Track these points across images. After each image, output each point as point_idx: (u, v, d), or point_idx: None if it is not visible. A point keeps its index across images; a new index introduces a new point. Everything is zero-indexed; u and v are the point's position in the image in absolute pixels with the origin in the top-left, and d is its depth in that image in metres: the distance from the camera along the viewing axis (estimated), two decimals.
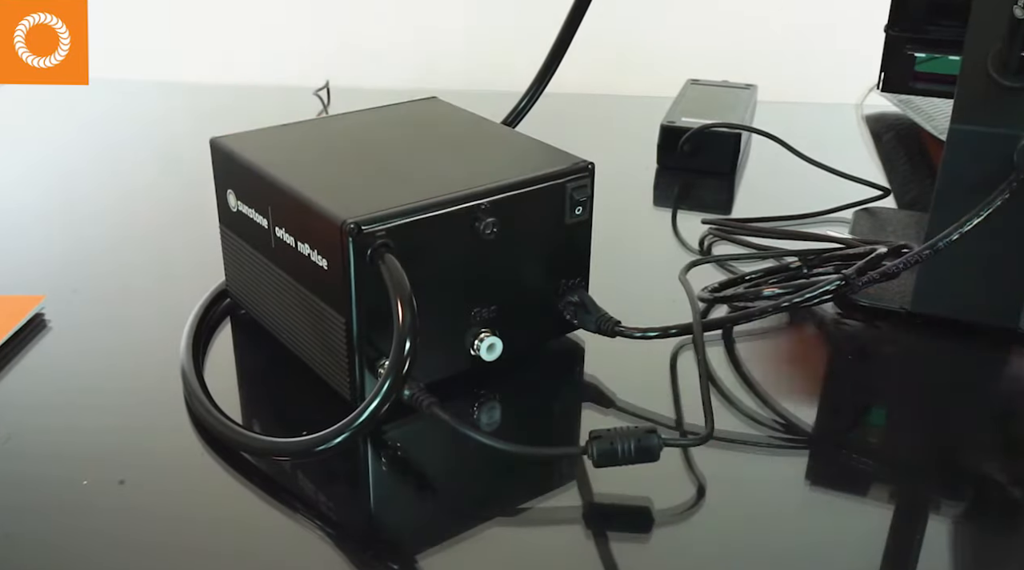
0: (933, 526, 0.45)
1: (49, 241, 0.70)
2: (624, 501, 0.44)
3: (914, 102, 0.92)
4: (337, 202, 0.46)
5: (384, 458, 0.48)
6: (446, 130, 0.58)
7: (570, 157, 0.52)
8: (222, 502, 0.45)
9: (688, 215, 0.75)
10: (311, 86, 1.02)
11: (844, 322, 0.59)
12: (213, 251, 0.58)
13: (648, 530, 0.43)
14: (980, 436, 0.50)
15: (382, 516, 0.45)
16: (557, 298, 0.53)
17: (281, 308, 0.52)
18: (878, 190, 0.74)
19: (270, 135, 0.55)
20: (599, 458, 0.43)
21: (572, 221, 0.52)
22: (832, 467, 0.49)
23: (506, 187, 0.49)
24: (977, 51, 0.53)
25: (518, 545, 0.43)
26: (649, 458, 0.43)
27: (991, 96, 0.52)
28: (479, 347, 0.50)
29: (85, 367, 0.55)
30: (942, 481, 0.47)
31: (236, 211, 0.54)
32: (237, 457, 0.47)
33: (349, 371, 0.47)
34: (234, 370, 0.55)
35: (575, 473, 0.46)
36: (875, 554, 0.42)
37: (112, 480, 0.45)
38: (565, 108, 0.67)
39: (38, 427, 0.50)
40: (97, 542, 0.42)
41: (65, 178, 0.83)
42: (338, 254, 0.45)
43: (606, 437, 0.43)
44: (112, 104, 1.01)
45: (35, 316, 0.57)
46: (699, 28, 1.13)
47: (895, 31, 0.60)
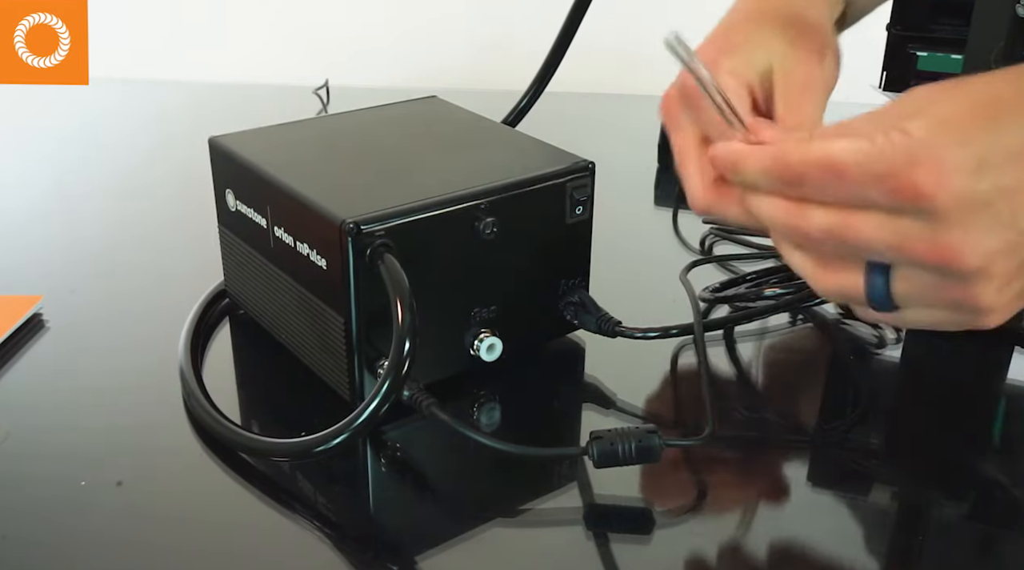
0: (934, 526, 0.45)
1: (47, 241, 0.70)
2: (624, 501, 0.44)
3: None
4: (336, 202, 0.46)
5: (384, 459, 0.48)
6: (446, 130, 0.57)
7: (570, 156, 0.52)
8: (221, 503, 0.45)
9: (689, 215, 0.75)
10: (311, 86, 1.02)
11: (845, 322, 0.59)
12: (212, 251, 0.57)
13: (648, 530, 0.43)
14: (980, 436, 0.50)
15: (382, 517, 0.45)
16: (557, 298, 0.53)
17: (280, 308, 0.52)
18: None
19: (269, 134, 0.55)
20: (600, 458, 0.43)
21: (572, 221, 0.52)
22: (833, 467, 0.48)
23: (506, 187, 0.49)
24: (979, 50, 0.53)
25: (518, 546, 0.43)
26: (650, 458, 0.43)
27: None
28: (479, 347, 0.50)
29: (83, 367, 0.55)
30: (943, 481, 0.47)
31: (235, 211, 0.54)
32: (236, 458, 0.46)
33: (348, 371, 0.47)
34: (233, 370, 0.55)
35: (575, 473, 0.45)
36: (876, 554, 0.42)
37: (110, 481, 0.45)
38: (565, 108, 0.67)
39: (36, 427, 0.49)
40: (95, 543, 0.42)
41: (64, 178, 0.82)
42: (337, 254, 0.45)
43: (607, 437, 0.43)
44: (111, 104, 1.01)
45: (33, 316, 0.57)
46: (699, 27, 1.13)
47: (897, 30, 0.60)
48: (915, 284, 0.38)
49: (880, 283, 0.39)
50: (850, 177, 0.37)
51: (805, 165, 0.38)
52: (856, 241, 0.38)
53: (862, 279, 0.39)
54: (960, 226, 0.36)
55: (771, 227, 0.41)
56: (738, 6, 0.56)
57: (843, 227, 0.38)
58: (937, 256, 0.36)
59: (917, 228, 0.36)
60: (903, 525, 0.44)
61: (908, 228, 0.36)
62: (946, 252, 0.36)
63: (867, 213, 0.37)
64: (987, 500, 0.46)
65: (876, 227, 0.37)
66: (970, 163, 0.35)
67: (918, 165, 0.35)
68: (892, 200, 0.36)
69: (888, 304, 0.39)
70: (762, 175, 0.40)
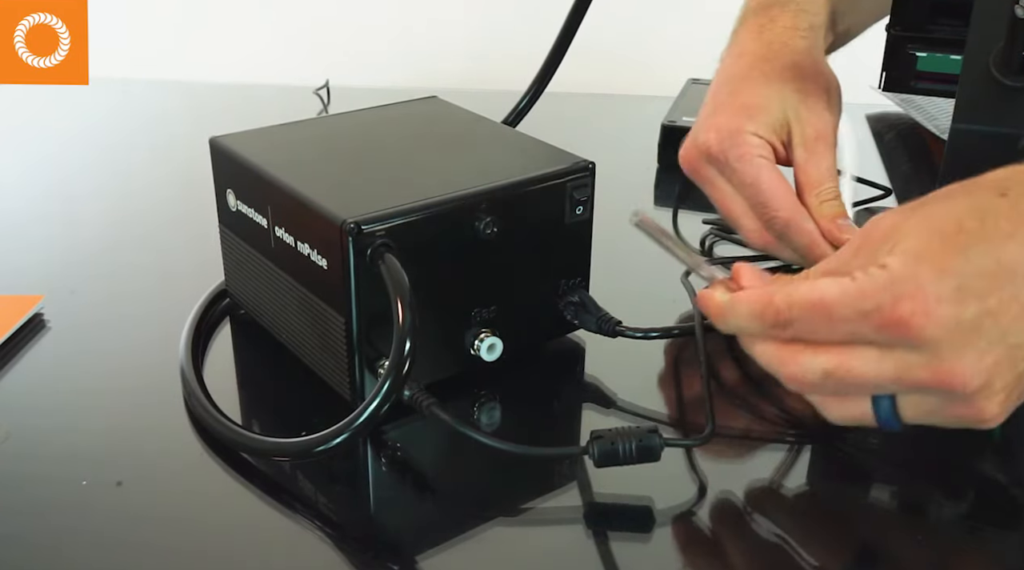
0: (934, 525, 0.45)
1: (48, 241, 0.70)
2: (624, 500, 0.44)
3: (916, 101, 0.92)
4: (337, 202, 0.46)
5: (384, 458, 0.48)
6: (446, 130, 0.57)
7: (571, 157, 0.52)
8: (221, 503, 0.45)
9: (689, 215, 0.75)
10: (311, 86, 1.02)
11: None
12: (212, 251, 0.57)
13: (648, 530, 0.43)
14: (981, 435, 0.50)
15: (382, 517, 0.45)
16: (557, 298, 0.53)
17: (281, 308, 0.52)
18: (879, 190, 0.74)
19: (270, 135, 0.55)
20: (600, 458, 0.43)
21: (573, 221, 0.52)
22: (834, 466, 0.48)
23: (506, 187, 0.49)
24: (979, 50, 0.52)
25: (519, 545, 0.43)
26: (650, 458, 0.43)
27: (993, 95, 0.52)
28: (479, 347, 0.50)
29: (84, 367, 0.55)
30: (943, 480, 0.47)
31: (236, 211, 0.54)
32: (236, 458, 0.46)
33: (349, 371, 0.47)
34: (233, 370, 0.55)
35: (576, 473, 0.46)
36: (877, 554, 0.42)
37: (110, 481, 0.45)
38: (565, 108, 0.67)
39: (36, 428, 0.49)
40: (95, 543, 0.42)
41: (64, 178, 0.82)
42: (338, 254, 0.45)
43: (607, 437, 0.43)
44: (111, 104, 1.01)
45: (34, 316, 0.57)
46: (700, 27, 1.13)
47: (896, 30, 0.60)
48: (922, 408, 0.40)
49: (887, 406, 0.40)
50: (837, 316, 0.38)
51: (791, 308, 0.40)
52: (855, 380, 0.39)
53: (869, 407, 0.41)
54: (954, 351, 0.37)
55: (771, 371, 0.42)
56: (740, 50, 0.61)
57: (841, 368, 0.39)
58: (939, 382, 0.38)
59: (914, 359, 0.38)
60: (903, 525, 0.44)
61: (905, 359, 0.38)
62: (947, 377, 0.38)
63: (862, 350, 0.39)
64: (987, 500, 0.46)
65: (874, 363, 0.39)
66: (951, 293, 0.37)
67: (902, 300, 0.37)
68: (883, 336, 0.38)
69: (897, 425, 0.41)
70: (750, 321, 0.41)
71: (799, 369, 0.40)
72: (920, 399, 0.40)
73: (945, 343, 0.37)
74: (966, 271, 0.37)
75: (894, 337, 0.38)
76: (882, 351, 0.38)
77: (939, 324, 0.37)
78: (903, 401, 0.40)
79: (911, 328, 0.37)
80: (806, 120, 0.56)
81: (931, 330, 0.37)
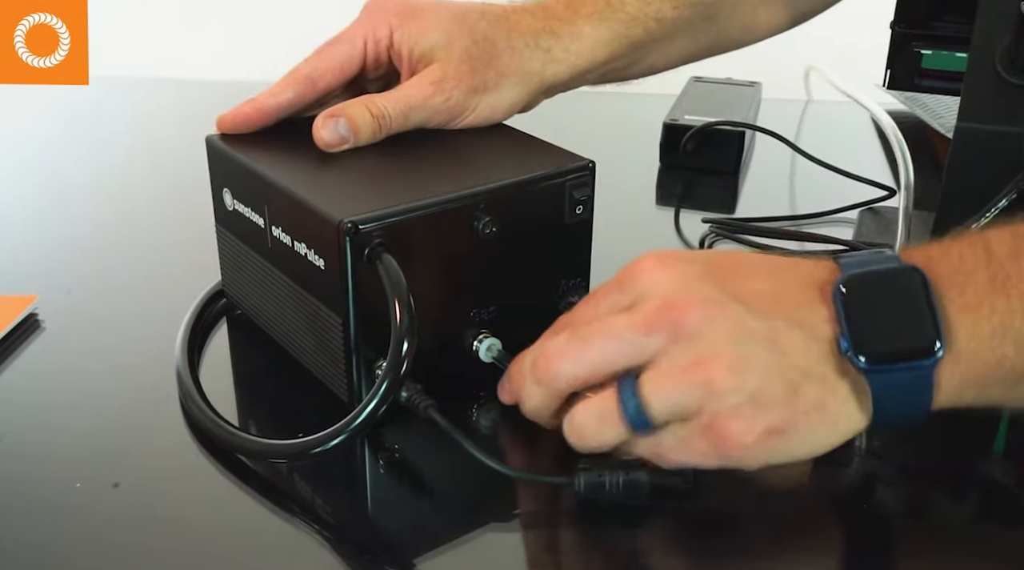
0: (936, 526, 0.44)
1: (43, 240, 0.70)
2: (624, 501, 0.44)
3: (920, 99, 0.91)
4: (334, 201, 0.46)
5: (381, 460, 0.47)
6: (445, 129, 0.57)
7: (571, 155, 0.52)
8: (217, 505, 0.45)
9: (691, 214, 0.74)
10: None
11: None
12: (209, 251, 0.57)
13: (648, 530, 0.43)
14: (981, 435, 0.50)
15: (379, 519, 0.45)
16: (557, 298, 0.52)
17: (278, 308, 0.52)
18: (883, 190, 0.74)
19: (267, 134, 0.55)
20: (586, 490, 0.42)
21: (573, 220, 0.51)
22: (834, 466, 0.48)
23: (505, 186, 0.48)
24: (984, 48, 0.52)
25: (517, 547, 0.42)
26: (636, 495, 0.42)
27: (998, 93, 0.52)
28: (478, 348, 0.49)
29: (79, 368, 0.54)
30: (945, 481, 0.47)
31: (232, 210, 0.53)
32: (233, 459, 0.46)
33: (346, 372, 0.47)
34: (230, 371, 0.55)
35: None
36: (878, 554, 0.42)
37: (106, 482, 0.45)
38: (566, 106, 0.66)
39: (31, 428, 0.49)
40: (90, 545, 0.42)
41: (59, 177, 0.82)
42: (335, 254, 0.44)
43: (595, 470, 0.42)
44: (107, 102, 1.00)
45: (28, 316, 0.57)
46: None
47: (901, 28, 0.59)
48: (660, 376, 0.40)
49: (630, 393, 0.40)
50: (593, 300, 0.45)
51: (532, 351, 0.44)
52: (595, 334, 0.42)
53: (615, 403, 0.41)
54: (682, 293, 0.41)
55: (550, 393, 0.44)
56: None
57: (580, 342, 0.42)
58: (666, 318, 0.40)
59: (646, 304, 0.41)
60: (903, 525, 0.44)
61: (639, 305, 0.41)
62: (675, 313, 0.40)
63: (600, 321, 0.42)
64: (988, 500, 0.46)
65: (612, 310, 0.43)
66: (666, 252, 0.43)
67: (644, 259, 0.43)
68: (622, 286, 0.43)
69: (642, 419, 0.40)
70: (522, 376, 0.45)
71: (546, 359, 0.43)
72: (657, 366, 0.40)
73: (673, 287, 0.41)
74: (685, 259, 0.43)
75: (629, 281, 0.42)
76: (620, 305, 0.42)
77: (671, 270, 0.41)
78: (644, 378, 0.40)
79: (642, 269, 0.42)
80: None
81: (661, 273, 0.41)
